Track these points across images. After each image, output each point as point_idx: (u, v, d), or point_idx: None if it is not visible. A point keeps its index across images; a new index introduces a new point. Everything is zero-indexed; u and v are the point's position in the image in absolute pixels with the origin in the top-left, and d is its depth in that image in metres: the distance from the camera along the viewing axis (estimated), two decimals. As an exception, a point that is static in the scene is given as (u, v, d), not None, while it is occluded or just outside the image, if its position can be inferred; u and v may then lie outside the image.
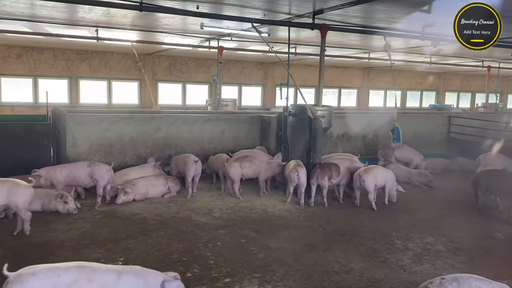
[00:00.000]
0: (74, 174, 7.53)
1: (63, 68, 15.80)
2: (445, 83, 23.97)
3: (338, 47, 13.41)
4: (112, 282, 3.42)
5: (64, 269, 3.38)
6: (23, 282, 3.22)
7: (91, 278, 3.39)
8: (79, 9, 8.87)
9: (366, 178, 7.56)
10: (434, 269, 5.30)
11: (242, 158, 8.27)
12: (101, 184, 7.46)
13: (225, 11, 8.72)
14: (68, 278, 3.32)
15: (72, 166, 7.69)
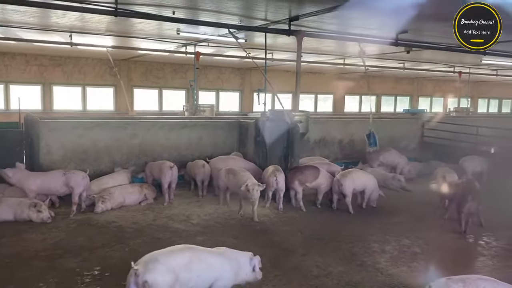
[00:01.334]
0: (49, 184, 7.35)
1: (36, 74, 15.48)
2: (418, 88, 24.52)
3: (314, 53, 13.58)
4: (216, 262, 3.99)
5: (179, 252, 3.86)
6: (153, 269, 3.59)
7: (201, 259, 3.93)
8: (52, 14, 8.72)
9: (344, 182, 7.64)
10: (410, 271, 5.38)
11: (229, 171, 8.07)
12: (77, 191, 7.31)
13: (202, 16, 8.72)
14: (184, 259, 3.79)
15: (46, 176, 7.48)
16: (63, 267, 5.20)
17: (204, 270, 3.89)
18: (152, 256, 3.74)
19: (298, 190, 7.88)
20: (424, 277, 5.19)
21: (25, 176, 7.34)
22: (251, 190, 6.76)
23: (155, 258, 3.70)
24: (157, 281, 3.55)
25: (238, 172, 7.54)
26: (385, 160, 10.44)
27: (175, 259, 3.76)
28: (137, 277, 3.57)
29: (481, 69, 18.29)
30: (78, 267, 5.19)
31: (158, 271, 3.58)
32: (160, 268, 3.62)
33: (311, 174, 7.93)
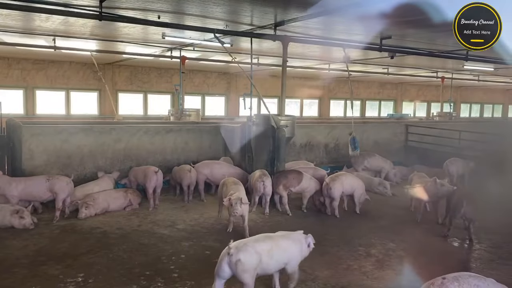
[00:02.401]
0: (31, 189, 7.20)
1: (18, 78, 15.25)
2: (402, 93, 24.84)
3: (300, 58, 13.66)
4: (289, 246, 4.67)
5: (263, 240, 4.58)
6: (245, 250, 4.29)
7: (278, 245, 4.57)
8: (35, 18, 8.62)
9: (333, 185, 7.67)
10: (395, 274, 5.43)
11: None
12: (61, 197, 7.19)
13: (187, 21, 8.71)
14: (266, 246, 4.47)
15: (29, 181, 7.31)
16: (46, 274, 5.10)
17: (281, 255, 4.58)
18: (242, 242, 4.46)
19: (283, 194, 7.88)
20: (409, 280, 5.26)
21: (6, 182, 7.19)
22: (234, 205, 6.35)
23: (244, 243, 4.41)
24: (247, 260, 4.26)
25: (230, 184, 7.21)
26: (370, 165, 10.52)
27: (260, 245, 4.44)
28: (230, 256, 4.23)
29: (463, 74, 18.62)
30: (62, 274, 5.10)
31: (248, 252, 4.29)
32: (250, 250, 4.32)
33: (294, 179, 7.94)
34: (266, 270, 4.52)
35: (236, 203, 6.33)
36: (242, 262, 4.20)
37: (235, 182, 7.33)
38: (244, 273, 4.24)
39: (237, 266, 4.20)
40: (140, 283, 4.94)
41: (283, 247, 4.61)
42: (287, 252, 4.63)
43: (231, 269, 4.25)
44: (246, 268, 4.23)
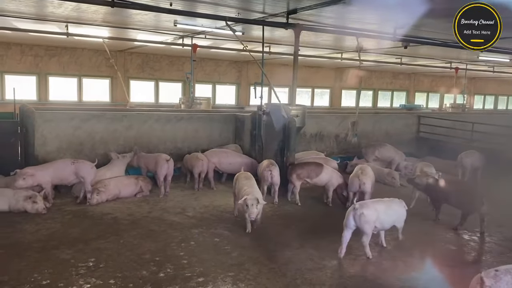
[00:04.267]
0: (59, 172, 7.34)
1: (31, 64, 15.35)
2: (415, 84, 24.55)
3: (312, 47, 13.54)
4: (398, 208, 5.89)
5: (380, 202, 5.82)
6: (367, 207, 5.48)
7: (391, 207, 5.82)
8: (48, 4, 8.64)
9: (366, 180, 7.47)
10: (404, 265, 5.42)
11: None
12: (88, 180, 7.40)
13: (199, 8, 8.66)
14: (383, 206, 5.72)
15: (55, 165, 7.46)
16: (58, 258, 5.20)
17: (393, 214, 5.79)
18: (364, 202, 5.72)
19: (295, 184, 7.86)
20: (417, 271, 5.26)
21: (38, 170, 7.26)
22: (250, 206, 5.96)
23: (365, 203, 5.66)
24: (368, 214, 5.37)
25: (242, 179, 6.85)
26: (381, 155, 10.44)
27: (379, 205, 5.66)
28: (355, 211, 5.36)
29: (478, 66, 18.31)
30: (73, 258, 5.19)
31: (370, 208, 5.46)
32: (371, 207, 5.50)
33: (312, 170, 7.83)
34: (384, 225, 5.69)
35: (253, 204, 5.95)
36: (364, 215, 5.35)
37: (247, 177, 6.94)
38: (366, 224, 5.39)
39: (360, 218, 5.35)
40: (150, 268, 5.01)
41: (395, 209, 5.82)
42: (397, 213, 5.85)
43: (355, 221, 5.38)
44: (368, 220, 5.37)
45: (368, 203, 5.68)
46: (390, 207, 5.78)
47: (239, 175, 7.06)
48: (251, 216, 5.98)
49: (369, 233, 5.44)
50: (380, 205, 5.66)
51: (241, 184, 6.66)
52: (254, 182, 6.82)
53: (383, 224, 5.69)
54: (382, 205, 5.70)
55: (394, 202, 5.94)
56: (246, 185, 6.49)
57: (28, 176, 6.96)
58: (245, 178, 6.85)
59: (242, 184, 6.64)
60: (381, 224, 5.64)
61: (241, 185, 6.62)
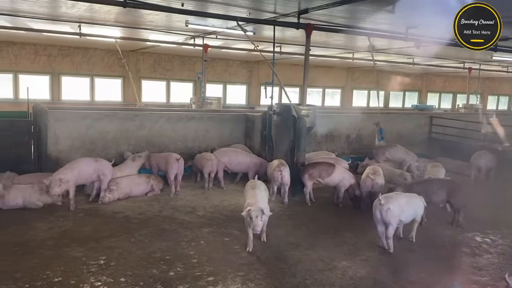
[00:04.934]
0: (84, 172, 7.22)
1: (45, 64, 15.56)
2: (427, 84, 24.34)
3: (323, 46, 13.50)
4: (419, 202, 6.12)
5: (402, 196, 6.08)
6: (392, 202, 5.72)
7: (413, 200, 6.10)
8: (61, 4, 8.74)
9: (379, 180, 7.45)
10: (415, 267, 5.37)
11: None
12: (108, 178, 7.46)
13: (210, 8, 8.69)
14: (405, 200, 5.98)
15: (79, 166, 7.26)
16: (70, 256, 5.25)
17: (414, 207, 6.02)
18: (389, 196, 5.88)
19: (306, 184, 7.83)
20: (429, 273, 5.21)
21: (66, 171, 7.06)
22: (254, 218, 5.32)
23: (390, 196, 5.86)
24: (394, 209, 5.63)
25: (248, 189, 6.24)
26: (391, 156, 10.35)
27: (402, 199, 5.89)
28: (382, 206, 5.63)
29: (491, 66, 18.09)
30: (84, 256, 5.24)
31: (395, 203, 5.71)
32: (395, 202, 5.73)
33: (324, 170, 7.78)
34: (407, 218, 5.91)
35: (257, 216, 5.32)
36: (391, 210, 5.61)
37: (254, 186, 6.22)
38: (392, 218, 5.62)
39: (387, 213, 5.60)
40: (160, 267, 5.04)
41: (416, 202, 6.06)
42: (418, 206, 6.06)
43: (381, 215, 5.62)
44: (394, 214, 5.62)
45: (393, 197, 5.85)
46: (411, 201, 6.02)
47: (247, 185, 6.47)
48: (256, 229, 5.34)
49: (395, 226, 5.70)
50: (402, 199, 5.89)
51: (246, 194, 6.14)
52: (260, 191, 6.09)
53: (407, 218, 5.92)
54: (404, 198, 5.93)
55: (414, 196, 6.18)
56: (250, 195, 5.91)
57: (63, 182, 6.77)
58: (251, 187, 6.18)
59: (246, 194, 6.11)
60: (406, 218, 5.89)
61: (246, 195, 6.09)
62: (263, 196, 6.02)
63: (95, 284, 4.58)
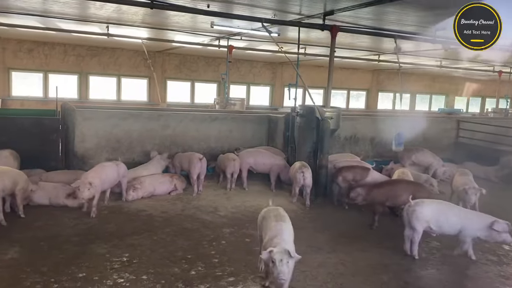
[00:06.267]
0: (110, 177, 7.09)
1: (73, 64, 15.93)
2: (455, 87, 23.82)
3: (348, 48, 13.39)
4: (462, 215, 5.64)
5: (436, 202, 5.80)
6: (419, 204, 5.56)
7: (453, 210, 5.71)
8: (90, 5, 8.93)
9: None
10: (439, 274, 5.26)
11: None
12: (126, 179, 7.55)
13: (236, 10, 8.74)
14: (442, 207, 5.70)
15: (105, 170, 7.04)
16: (94, 252, 5.35)
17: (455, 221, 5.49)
18: (421, 200, 5.73)
19: (342, 187, 7.73)
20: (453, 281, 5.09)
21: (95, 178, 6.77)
22: (278, 263, 3.96)
23: (422, 201, 5.69)
24: (420, 212, 5.47)
25: (271, 219, 4.65)
26: (417, 160, 10.15)
27: (437, 204, 5.67)
28: (409, 208, 5.57)
29: (523, 69, 17.57)
30: (108, 253, 5.33)
31: (423, 207, 5.54)
32: (425, 206, 5.55)
33: (358, 173, 7.68)
34: (442, 228, 5.52)
35: (281, 260, 3.96)
36: (416, 211, 5.45)
37: (278, 216, 4.70)
38: (416, 221, 5.45)
39: (412, 215, 5.46)
40: (182, 266, 5.08)
41: (460, 215, 5.55)
42: (463, 221, 5.47)
43: (408, 216, 5.52)
44: (418, 217, 5.43)
45: (425, 201, 5.67)
46: (449, 210, 5.60)
47: (267, 213, 4.84)
48: (280, 277, 3.97)
49: (419, 231, 5.47)
50: (441, 205, 5.63)
51: (266, 226, 4.62)
52: (286, 224, 4.63)
53: (442, 229, 5.52)
54: (443, 206, 5.63)
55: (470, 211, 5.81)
56: (272, 229, 4.43)
57: (92, 187, 6.49)
58: (274, 218, 4.64)
59: (266, 226, 4.59)
60: (440, 228, 5.51)
61: (265, 227, 4.60)
62: (290, 232, 4.54)
63: (118, 281, 4.65)
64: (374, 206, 6.81)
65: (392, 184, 7.14)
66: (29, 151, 7.88)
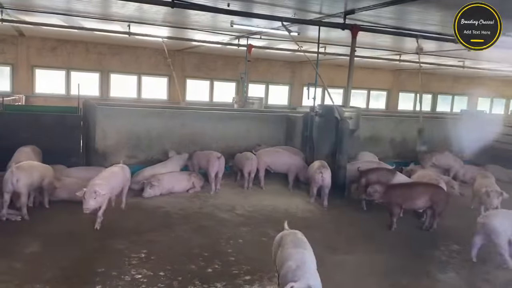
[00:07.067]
0: (116, 184, 6.61)
1: (95, 62, 16.17)
2: (478, 88, 23.31)
3: (369, 48, 13.24)
4: None
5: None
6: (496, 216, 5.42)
7: None
8: (112, 4, 9.06)
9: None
10: (459, 278, 5.16)
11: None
12: (129, 183, 7.18)
13: (256, 9, 8.73)
14: None
15: (113, 175, 6.60)
16: (113, 248, 5.42)
17: None
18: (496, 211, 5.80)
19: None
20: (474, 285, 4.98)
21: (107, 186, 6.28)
22: None
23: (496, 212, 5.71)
24: (495, 225, 5.23)
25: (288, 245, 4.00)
26: (438, 162, 9.99)
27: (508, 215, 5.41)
28: (484, 221, 5.36)
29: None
30: (127, 249, 5.39)
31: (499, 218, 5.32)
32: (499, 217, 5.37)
33: (383, 176, 7.58)
34: None
35: None
36: (488, 224, 5.26)
37: (297, 243, 4.05)
38: (492, 234, 5.24)
39: (487, 228, 5.28)
40: (199, 263, 5.10)
41: None
42: None
43: (483, 230, 5.33)
44: (492, 229, 5.22)
45: (500, 212, 5.60)
46: None
47: (284, 239, 4.16)
48: None
49: (501, 244, 5.21)
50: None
51: (284, 253, 3.92)
52: (309, 252, 4.00)
53: None
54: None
55: None
56: (292, 258, 3.76)
57: (99, 195, 5.87)
58: (292, 245, 3.99)
59: (284, 254, 3.90)
60: None
61: (283, 255, 3.90)
62: (313, 261, 3.91)
63: (136, 277, 4.70)
64: (391, 207, 6.71)
65: (409, 187, 7.02)
66: (51, 147, 8.01)
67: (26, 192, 6.23)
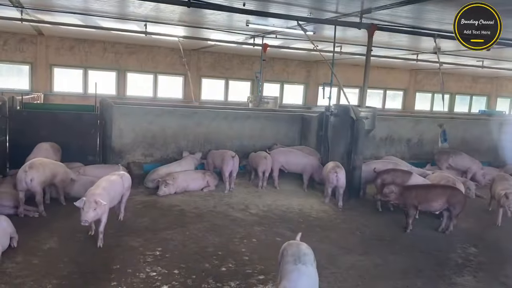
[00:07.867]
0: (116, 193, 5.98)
1: (112, 61, 16.35)
2: (497, 88, 22.92)
3: (385, 47, 13.12)
4: None
5: None
6: None
7: None
8: (129, 4, 9.14)
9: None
10: (476, 282, 5.08)
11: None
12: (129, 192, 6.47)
13: (271, 8, 8.72)
14: None
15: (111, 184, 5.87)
16: (128, 245, 5.48)
17: None
18: None
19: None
20: None
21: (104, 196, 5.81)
22: None
23: None
24: None
25: (289, 258, 3.69)
26: (455, 164, 9.84)
27: None
28: None
29: None
30: (141, 247, 5.44)
31: None
32: None
33: (399, 177, 7.48)
34: None
35: None
36: None
37: (298, 258, 3.67)
38: None
39: None
40: (212, 262, 5.12)
41: None
42: None
43: None
44: None
45: None
46: None
47: (287, 249, 3.86)
48: None
49: None
50: None
51: (284, 268, 3.62)
52: (306, 269, 3.59)
53: None
54: None
55: None
56: (291, 277, 3.45)
57: (99, 207, 5.21)
58: (292, 258, 3.66)
59: (285, 268, 3.60)
60: None
61: (284, 270, 3.60)
62: (313, 279, 3.58)
63: (150, 274, 4.74)
64: (407, 208, 6.63)
65: (425, 189, 6.90)
66: (68, 145, 8.15)
67: (40, 191, 6.34)
